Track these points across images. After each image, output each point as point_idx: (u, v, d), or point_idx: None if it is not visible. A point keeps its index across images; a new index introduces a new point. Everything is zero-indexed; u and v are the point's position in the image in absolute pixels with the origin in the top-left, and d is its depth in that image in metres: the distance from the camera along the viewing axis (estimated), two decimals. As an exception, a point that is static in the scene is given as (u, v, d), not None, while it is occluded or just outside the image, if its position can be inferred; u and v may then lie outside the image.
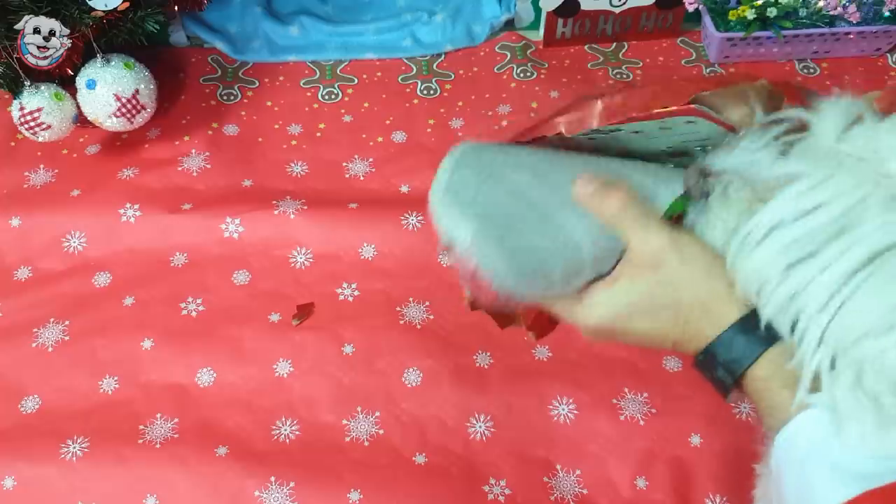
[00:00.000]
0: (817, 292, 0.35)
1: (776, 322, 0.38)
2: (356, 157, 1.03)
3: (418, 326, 0.85)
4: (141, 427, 0.77)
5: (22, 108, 0.92)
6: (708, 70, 1.13)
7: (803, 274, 0.35)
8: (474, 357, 0.82)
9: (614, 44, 1.17)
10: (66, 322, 0.86)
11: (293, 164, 1.02)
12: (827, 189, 0.34)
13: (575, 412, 0.77)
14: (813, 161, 0.35)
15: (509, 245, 0.42)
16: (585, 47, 1.16)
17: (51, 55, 0.89)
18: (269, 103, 1.10)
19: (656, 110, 0.41)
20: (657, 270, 0.41)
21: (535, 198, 0.43)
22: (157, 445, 0.75)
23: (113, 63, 0.95)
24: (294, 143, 1.05)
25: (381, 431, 0.77)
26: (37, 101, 0.91)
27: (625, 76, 1.12)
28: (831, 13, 1.06)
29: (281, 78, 1.14)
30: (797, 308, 0.36)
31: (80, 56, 0.93)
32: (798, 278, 0.35)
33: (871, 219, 0.33)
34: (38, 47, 0.87)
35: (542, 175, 0.44)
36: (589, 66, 1.13)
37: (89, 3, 0.89)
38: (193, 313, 0.87)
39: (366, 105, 1.10)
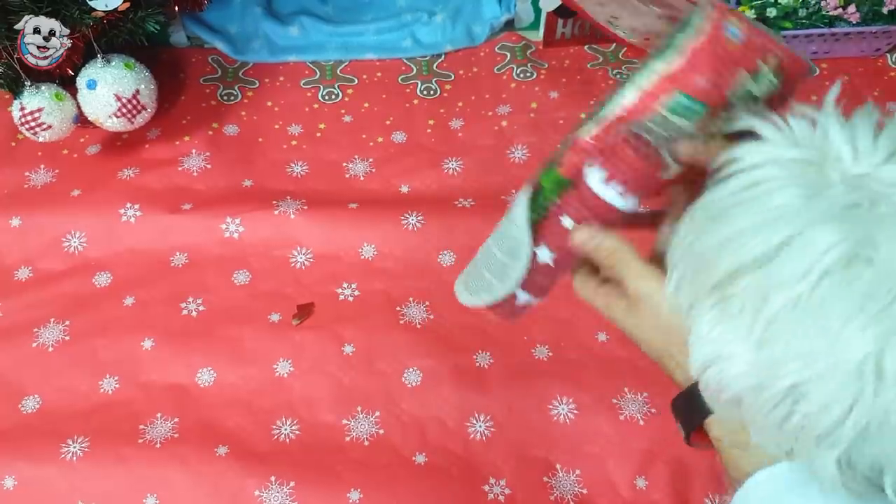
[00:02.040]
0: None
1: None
2: (356, 157, 1.03)
3: (418, 326, 0.85)
4: (141, 427, 0.77)
5: (22, 109, 0.92)
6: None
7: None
8: (474, 357, 0.82)
9: (614, 44, 1.17)
10: (67, 322, 0.86)
11: (293, 165, 1.02)
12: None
13: (575, 412, 0.77)
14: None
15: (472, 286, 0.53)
16: (585, 48, 1.16)
17: (51, 55, 0.89)
18: (269, 103, 1.10)
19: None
20: (638, 313, 0.44)
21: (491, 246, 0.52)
22: (158, 445, 0.76)
23: (113, 63, 0.95)
24: (294, 143, 1.05)
25: (381, 431, 0.77)
26: (37, 101, 0.92)
27: (625, 77, 1.12)
28: (831, 13, 1.06)
29: (281, 78, 1.14)
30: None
31: (80, 56, 0.93)
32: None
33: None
34: (39, 47, 0.88)
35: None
36: (589, 66, 1.13)
37: (90, 3, 0.89)
38: (194, 313, 0.87)
39: (366, 105, 1.10)
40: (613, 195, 0.45)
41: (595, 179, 0.45)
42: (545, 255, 0.47)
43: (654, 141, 0.44)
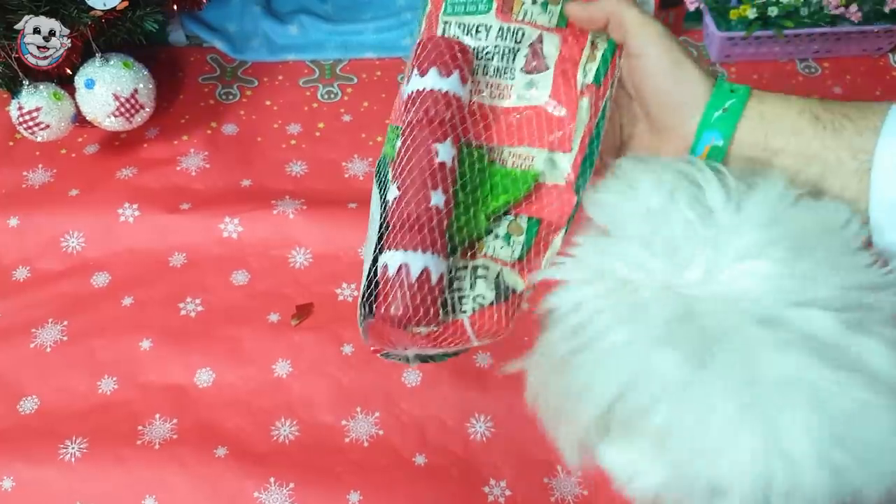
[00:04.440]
0: None
1: None
2: (356, 156, 1.02)
3: (418, 327, 0.84)
4: (140, 428, 0.77)
5: (20, 108, 0.91)
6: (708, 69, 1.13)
7: None
8: (474, 357, 0.81)
9: (615, 43, 1.17)
10: (65, 322, 0.86)
11: (292, 164, 1.02)
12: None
13: (575, 413, 0.77)
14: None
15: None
16: (586, 46, 1.16)
17: (51, 55, 0.88)
18: (268, 103, 1.10)
19: None
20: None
21: None
22: (156, 446, 0.75)
23: (112, 62, 0.94)
24: (293, 142, 1.05)
25: (380, 432, 0.77)
26: (35, 100, 0.91)
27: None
28: (833, 12, 1.06)
29: (280, 77, 1.13)
30: None
31: (78, 55, 0.93)
32: None
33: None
34: (38, 47, 0.87)
35: None
36: (589, 65, 1.13)
37: (88, 2, 0.88)
38: (192, 313, 0.86)
39: (365, 104, 1.09)
40: (432, 80, 0.44)
41: (414, 83, 0.44)
42: (394, 191, 0.44)
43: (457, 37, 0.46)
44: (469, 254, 0.45)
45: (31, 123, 0.92)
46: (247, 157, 1.03)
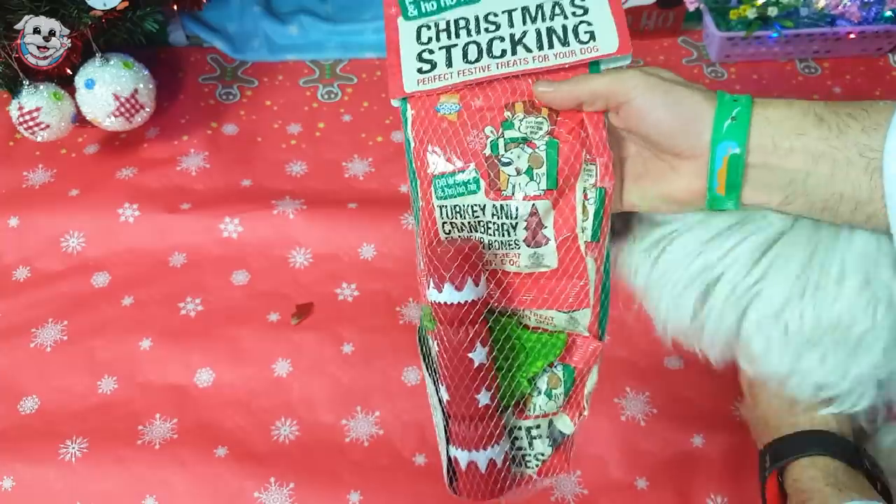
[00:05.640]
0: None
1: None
2: (356, 156, 1.02)
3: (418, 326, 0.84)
4: (140, 428, 0.77)
5: (20, 108, 0.91)
6: (709, 69, 1.13)
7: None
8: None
9: (614, 43, 1.17)
10: (65, 322, 0.85)
11: (292, 164, 1.02)
12: None
13: (575, 412, 0.77)
14: None
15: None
16: (586, 46, 1.16)
17: (51, 55, 0.88)
18: (268, 103, 1.10)
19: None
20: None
21: None
22: (157, 446, 0.75)
23: (112, 62, 0.94)
24: (293, 142, 1.05)
25: (380, 432, 0.77)
26: (35, 100, 0.91)
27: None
28: (832, 12, 1.06)
29: (280, 77, 1.13)
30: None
31: (78, 55, 0.93)
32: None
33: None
34: (38, 47, 0.87)
35: None
36: (589, 65, 1.13)
37: (88, 2, 0.88)
38: (192, 313, 0.86)
39: (365, 104, 1.09)
40: (449, 295, 0.45)
41: (433, 295, 0.45)
42: (444, 394, 0.47)
43: (459, 232, 0.46)
44: (519, 412, 0.49)
45: (31, 123, 0.92)
46: (247, 157, 1.03)
